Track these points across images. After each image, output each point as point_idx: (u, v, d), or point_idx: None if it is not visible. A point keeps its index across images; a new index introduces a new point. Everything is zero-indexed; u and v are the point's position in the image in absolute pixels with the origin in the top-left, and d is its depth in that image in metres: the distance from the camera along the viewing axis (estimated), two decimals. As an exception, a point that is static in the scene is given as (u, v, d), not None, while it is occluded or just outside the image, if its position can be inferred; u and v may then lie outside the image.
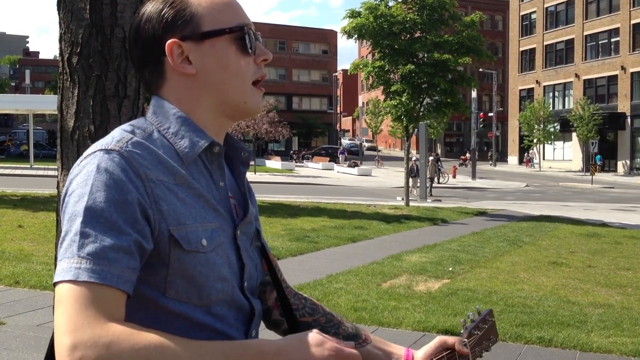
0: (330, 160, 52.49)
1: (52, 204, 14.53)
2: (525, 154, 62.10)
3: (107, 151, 1.09)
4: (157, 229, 1.09)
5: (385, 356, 1.44)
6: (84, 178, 1.07)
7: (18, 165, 36.15)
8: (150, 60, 1.22)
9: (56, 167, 2.87)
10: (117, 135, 1.14)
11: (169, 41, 1.19)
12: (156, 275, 1.10)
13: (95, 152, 1.11)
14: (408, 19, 20.21)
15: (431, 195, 26.75)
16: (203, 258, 1.13)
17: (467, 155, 56.35)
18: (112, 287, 1.00)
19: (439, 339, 1.46)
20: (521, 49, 64.21)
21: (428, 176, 26.70)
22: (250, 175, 29.73)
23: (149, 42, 1.21)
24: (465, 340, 1.46)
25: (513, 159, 64.57)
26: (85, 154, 1.13)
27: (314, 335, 1.08)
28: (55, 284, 1.01)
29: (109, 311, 0.98)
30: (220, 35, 1.20)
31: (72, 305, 0.97)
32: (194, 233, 1.12)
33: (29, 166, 34.67)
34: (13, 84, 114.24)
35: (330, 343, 1.06)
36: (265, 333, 1.48)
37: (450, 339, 1.45)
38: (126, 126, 1.19)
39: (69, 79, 2.73)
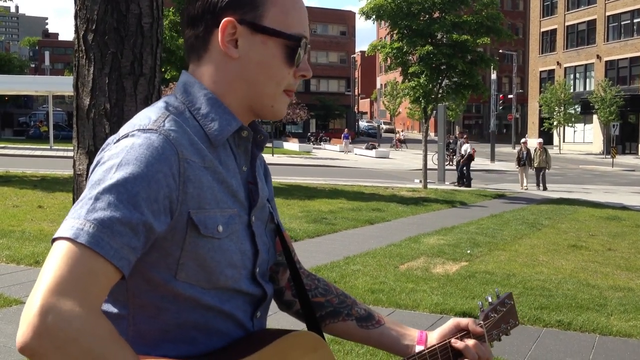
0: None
1: (72, 184, 14.64)
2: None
3: (145, 130, 1.08)
4: (178, 209, 1.07)
5: (399, 336, 1.43)
6: (117, 151, 1.06)
7: (38, 146, 36.49)
8: (201, 25, 1.19)
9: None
10: (153, 115, 1.13)
11: (227, 18, 1.16)
12: (169, 257, 1.09)
13: (133, 131, 1.09)
14: (427, -1, 19.97)
15: (545, 189, 22.23)
16: (217, 244, 1.13)
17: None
18: (107, 261, 0.96)
19: (452, 321, 1.45)
20: (542, 29, 63.35)
21: (536, 165, 22.71)
22: (267, 157, 29.79)
23: (209, 8, 1.18)
24: (481, 322, 1.44)
25: (533, 141, 63.91)
26: (121, 132, 1.12)
27: None
28: (53, 240, 0.98)
29: (97, 287, 0.95)
30: (276, 36, 1.18)
31: (65, 264, 0.93)
32: (212, 218, 1.12)
33: (49, 147, 34.93)
34: (33, 65, 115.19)
35: None
36: (275, 315, 1.46)
37: (464, 321, 1.44)
38: (160, 103, 1.18)
39: (85, 57, 2.69)
